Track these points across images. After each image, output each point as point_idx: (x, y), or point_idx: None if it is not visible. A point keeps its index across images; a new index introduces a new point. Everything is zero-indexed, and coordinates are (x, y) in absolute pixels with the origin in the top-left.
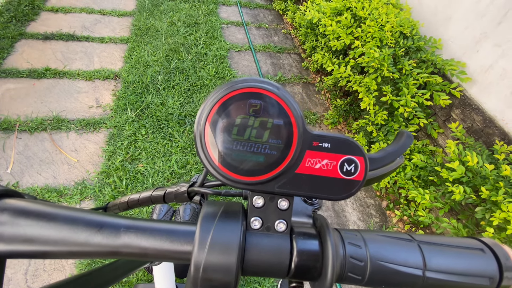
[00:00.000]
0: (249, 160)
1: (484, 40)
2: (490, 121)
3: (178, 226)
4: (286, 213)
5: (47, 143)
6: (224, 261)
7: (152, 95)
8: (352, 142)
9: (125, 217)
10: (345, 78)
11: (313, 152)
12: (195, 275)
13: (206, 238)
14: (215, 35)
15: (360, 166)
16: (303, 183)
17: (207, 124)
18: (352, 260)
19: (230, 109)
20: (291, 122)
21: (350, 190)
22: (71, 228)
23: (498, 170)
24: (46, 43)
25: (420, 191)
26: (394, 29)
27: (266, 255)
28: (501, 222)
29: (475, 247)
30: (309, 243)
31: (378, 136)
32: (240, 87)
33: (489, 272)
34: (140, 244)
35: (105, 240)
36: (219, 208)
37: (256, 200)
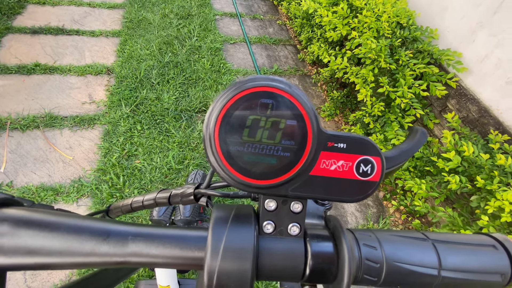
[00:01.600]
0: (261, 162)
1: (480, 30)
2: (485, 111)
3: (188, 232)
4: (299, 216)
5: (40, 141)
6: (239, 267)
7: (146, 90)
8: (369, 141)
9: (132, 223)
10: (342, 69)
11: (328, 153)
12: (209, 283)
13: (219, 244)
14: (209, 27)
15: (376, 167)
16: (318, 185)
17: (217, 126)
18: (368, 262)
19: (240, 110)
20: (305, 122)
21: (367, 191)
22: (76, 237)
23: (493, 159)
24: (35, 37)
25: (416, 181)
26: (391, 19)
27: (280, 259)
28: (496, 210)
29: (487, 244)
30: (323, 246)
31: (375, 127)
32: (250, 86)
33: (501, 268)
34: (149, 253)
35: (113, 249)
36: (230, 212)
37: (268, 203)
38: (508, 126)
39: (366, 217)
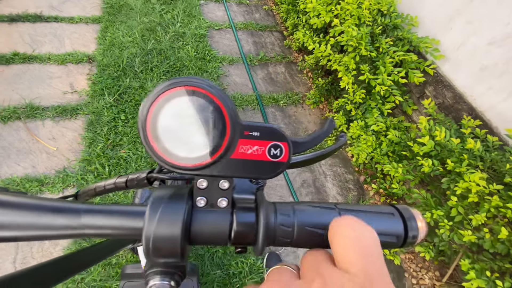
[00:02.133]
0: (189, 149)
1: (457, 17)
2: (460, 97)
3: (132, 207)
4: (227, 192)
5: (22, 132)
6: (170, 233)
7: (129, 79)
8: (277, 130)
9: (85, 203)
10: (326, 57)
11: (245, 140)
12: (147, 246)
13: (155, 215)
14: (194, 12)
15: (284, 150)
16: (238, 166)
17: (149, 117)
18: (282, 227)
19: (170, 104)
20: (224, 116)
21: (277, 169)
22: (35, 213)
23: (463, 143)
24: (12, 25)
25: (394, 165)
26: (372, 6)
27: (209, 227)
28: (464, 191)
29: (388, 212)
30: (247, 216)
31: (357, 114)
32: (179, 84)
33: (395, 231)
34: (99, 224)
35: (68, 222)
36: (168, 192)
37: (201, 182)
38: (480, 111)
39: (347, 200)
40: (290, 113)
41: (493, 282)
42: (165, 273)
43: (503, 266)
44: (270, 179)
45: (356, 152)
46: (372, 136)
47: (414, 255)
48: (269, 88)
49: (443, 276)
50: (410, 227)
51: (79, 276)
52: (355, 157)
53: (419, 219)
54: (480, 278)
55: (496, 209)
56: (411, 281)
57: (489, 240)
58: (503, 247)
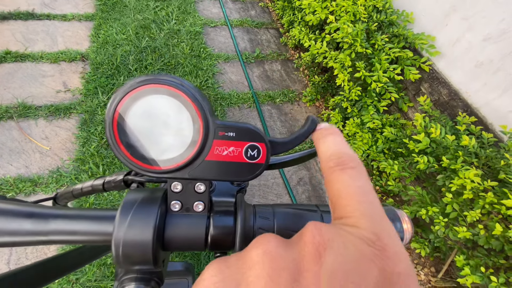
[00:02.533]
0: (159, 151)
1: (452, 14)
2: (455, 94)
3: (101, 212)
4: (203, 195)
5: (15, 132)
6: (141, 238)
7: (124, 77)
8: (254, 130)
9: (54, 207)
10: (322, 54)
11: (220, 141)
12: (116, 252)
13: (125, 220)
14: (188, 9)
15: (262, 151)
16: (213, 168)
17: (115, 116)
18: (261, 230)
19: (138, 103)
20: (197, 116)
21: (255, 171)
22: (1, 218)
23: (458, 140)
24: (4, 23)
25: (389, 162)
26: (367, 2)
27: (184, 232)
28: (459, 188)
29: None
30: (225, 219)
31: (353, 112)
32: (149, 82)
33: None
34: (68, 229)
35: (35, 227)
36: (141, 195)
37: (175, 185)
38: (476, 108)
39: None
40: (286, 111)
41: (487, 278)
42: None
43: (497, 262)
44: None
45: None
46: (368, 133)
47: (410, 251)
48: (265, 86)
49: (439, 272)
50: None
51: (74, 277)
52: None
53: (404, 220)
54: (474, 274)
55: (490, 205)
56: None
57: (484, 236)
58: (498, 243)
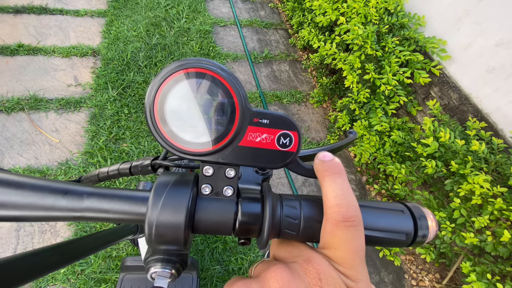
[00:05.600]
0: (197, 133)
1: (465, 18)
2: (466, 99)
3: (135, 192)
4: (233, 181)
5: (26, 124)
6: (173, 220)
7: (133, 73)
8: (287, 118)
9: (88, 185)
10: (331, 55)
11: (254, 128)
12: (149, 232)
13: (159, 201)
14: (199, 8)
15: (294, 140)
16: (246, 154)
17: (156, 99)
18: (288, 219)
19: (178, 86)
20: (234, 101)
21: (286, 159)
22: (38, 194)
23: (468, 145)
24: (17, 17)
25: (397, 166)
26: (379, 5)
27: (214, 216)
28: (467, 194)
29: (397, 209)
30: (252, 206)
31: (361, 114)
32: (189, 66)
33: (405, 229)
34: (101, 207)
35: (70, 204)
36: (173, 178)
37: (207, 169)
38: (486, 113)
39: None
40: (293, 112)
41: (493, 285)
42: (167, 261)
43: (504, 269)
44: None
45: (358, 152)
46: (375, 136)
47: (415, 257)
48: (273, 86)
49: (444, 279)
50: (420, 226)
51: (79, 268)
52: (358, 157)
53: (429, 218)
54: (480, 280)
55: (499, 211)
56: (410, 282)
57: (491, 243)
58: (505, 250)
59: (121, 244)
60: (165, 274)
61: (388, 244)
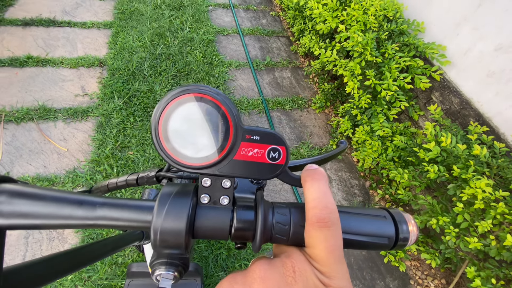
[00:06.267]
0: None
1: (464, 23)
2: (467, 103)
3: (142, 202)
4: (228, 191)
5: (34, 133)
6: (176, 226)
7: (139, 82)
8: (276, 134)
9: (100, 196)
10: (332, 62)
11: (246, 143)
12: (154, 238)
13: (162, 210)
14: (202, 18)
15: (282, 153)
16: (239, 167)
17: (161, 120)
18: (279, 225)
19: (180, 109)
20: (228, 121)
21: (275, 171)
22: (57, 204)
23: (470, 149)
24: (26, 29)
25: (399, 171)
26: (378, 12)
27: (211, 223)
28: (470, 198)
29: (380, 215)
30: (246, 213)
31: (362, 119)
32: (189, 91)
33: (387, 233)
34: (112, 216)
35: (85, 213)
36: (175, 189)
37: (205, 181)
38: (488, 117)
39: (352, 205)
40: (295, 117)
41: None
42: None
43: (508, 273)
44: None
45: (361, 157)
46: (377, 141)
47: (420, 262)
48: (275, 93)
49: (449, 284)
50: (402, 230)
51: (86, 274)
52: (361, 162)
53: (410, 223)
54: (485, 286)
55: (502, 216)
56: None
57: (495, 247)
58: (509, 254)
59: (127, 251)
60: (169, 276)
61: (372, 248)
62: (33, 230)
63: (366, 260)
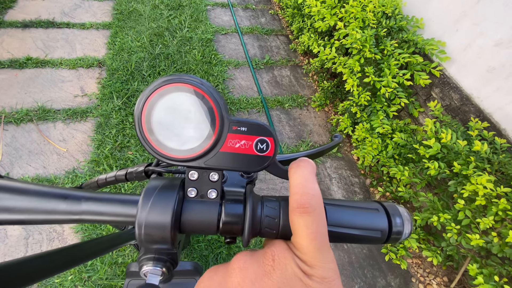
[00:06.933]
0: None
1: (463, 19)
2: (467, 99)
3: (126, 196)
4: (216, 184)
5: (34, 134)
6: (161, 220)
7: (137, 82)
8: (264, 125)
9: (86, 190)
10: (331, 60)
11: (233, 135)
12: (139, 232)
13: (147, 204)
14: (200, 17)
15: (270, 145)
16: (227, 159)
17: (144, 111)
18: (268, 218)
19: (163, 99)
20: (214, 111)
21: (264, 163)
22: (41, 199)
23: (470, 145)
24: (26, 31)
25: (400, 168)
26: (377, 9)
27: (199, 217)
28: (471, 194)
29: (372, 207)
30: (235, 207)
31: (362, 117)
32: (172, 81)
33: (380, 226)
34: (97, 210)
35: (69, 208)
36: (161, 182)
37: (192, 174)
38: (488, 113)
39: None
40: (295, 116)
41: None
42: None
43: (511, 271)
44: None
45: (361, 155)
46: (377, 138)
47: (422, 260)
48: (274, 91)
49: (452, 282)
50: (395, 224)
51: (86, 274)
52: (361, 160)
53: (404, 216)
54: (488, 283)
55: (504, 212)
56: (418, 286)
57: (497, 244)
58: (511, 251)
59: (127, 251)
60: (156, 272)
61: (364, 241)
62: (33, 231)
63: (367, 258)
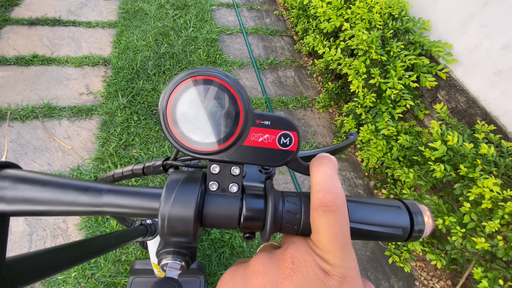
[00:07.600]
0: (204, 134)
1: (470, 21)
2: (473, 102)
3: (149, 189)
4: (237, 178)
5: (39, 131)
6: (184, 213)
7: (143, 81)
8: (287, 120)
9: (107, 183)
10: (336, 61)
11: (256, 128)
12: (162, 225)
13: (170, 197)
14: (206, 17)
15: (294, 139)
16: (249, 153)
17: (169, 104)
18: (289, 213)
19: (188, 92)
20: (238, 104)
21: (286, 158)
22: (61, 190)
23: (477, 148)
24: (32, 28)
25: (405, 170)
26: (383, 10)
27: (220, 210)
28: (477, 198)
29: (394, 205)
30: (256, 202)
31: (367, 118)
32: (198, 74)
33: (402, 224)
34: (119, 203)
35: (90, 200)
36: (183, 176)
37: (214, 168)
38: (495, 116)
39: None
40: (299, 117)
41: None
42: (177, 253)
43: None
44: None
45: (366, 157)
46: (382, 140)
47: (425, 263)
48: (278, 92)
49: (455, 286)
50: (417, 222)
51: (89, 272)
52: (365, 161)
53: (426, 214)
54: (492, 287)
55: (510, 215)
56: None
57: (503, 248)
58: None
59: (130, 249)
60: (176, 265)
61: (386, 238)
62: (37, 228)
63: (370, 261)
